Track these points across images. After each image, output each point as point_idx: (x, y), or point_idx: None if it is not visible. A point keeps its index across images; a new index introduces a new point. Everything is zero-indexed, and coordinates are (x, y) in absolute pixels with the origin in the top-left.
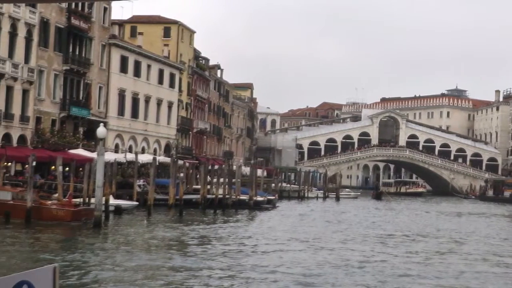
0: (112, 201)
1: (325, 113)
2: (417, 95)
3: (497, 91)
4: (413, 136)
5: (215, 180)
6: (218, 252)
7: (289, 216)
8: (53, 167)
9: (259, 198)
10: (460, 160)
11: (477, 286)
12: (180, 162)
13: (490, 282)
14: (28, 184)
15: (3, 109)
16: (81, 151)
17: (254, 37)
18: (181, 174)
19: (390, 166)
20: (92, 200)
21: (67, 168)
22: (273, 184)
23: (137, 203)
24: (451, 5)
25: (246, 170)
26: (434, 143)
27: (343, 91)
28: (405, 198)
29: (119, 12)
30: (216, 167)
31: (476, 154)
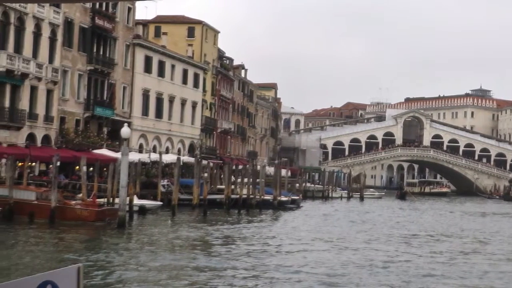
0: (136, 201)
1: (349, 113)
2: (441, 95)
3: None
4: (437, 136)
5: (239, 180)
6: (242, 252)
7: (313, 216)
8: (77, 167)
9: (283, 198)
10: (484, 160)
11: (501, 286)
12: (204, 162)
13: None
14: (52, 184)
15: (27, 109)
16: (105, 151)
17: (277, 37)
18: (205, 174)
19: (414, 166)
20: (116, 200)
21: (91, 168)
22: (297, 184)
23: (161, 203)
24: (476, 5)
25: (270, 170)
26: (458, 143)
27: (367, 91)
28: (429, 198)
29: (143, 12)
30: (240, 167)
31: (500, 154)
